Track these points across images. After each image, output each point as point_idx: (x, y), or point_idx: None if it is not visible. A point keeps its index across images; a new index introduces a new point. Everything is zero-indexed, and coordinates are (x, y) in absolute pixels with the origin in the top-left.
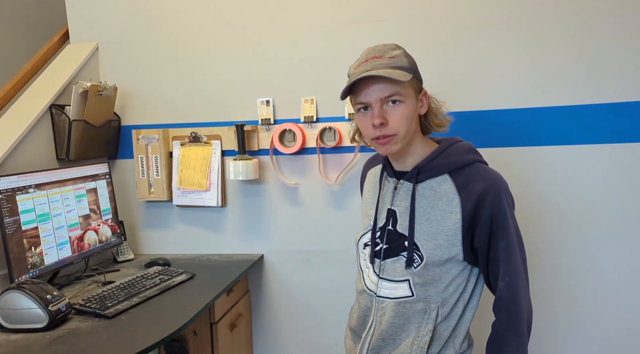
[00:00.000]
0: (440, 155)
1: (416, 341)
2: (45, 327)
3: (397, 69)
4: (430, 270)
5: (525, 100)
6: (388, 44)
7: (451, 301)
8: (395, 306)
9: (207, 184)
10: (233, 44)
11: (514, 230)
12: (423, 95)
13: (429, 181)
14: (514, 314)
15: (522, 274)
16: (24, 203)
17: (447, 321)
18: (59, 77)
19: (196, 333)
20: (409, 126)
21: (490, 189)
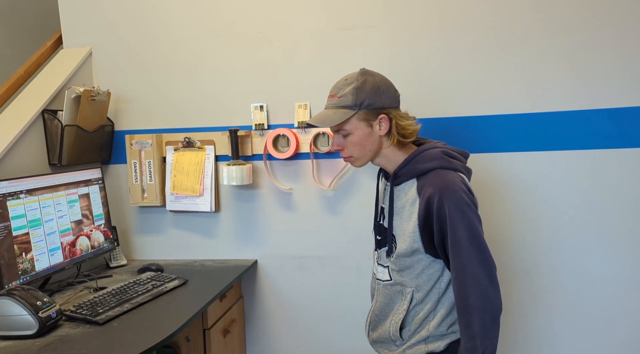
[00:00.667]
0: (408, 163)
1: (394, 318)
2: (35, 334)
3: (341, 108)
4: (401, 259)
5: (515, 106)
6: (349, 77)
7: (425, 288)
8: (383, 288)
9: (201, 189)
10: (227, 49)
11: (462, 229)
12: (380, 119)
13: (403, 184)
14: (462, 307)
15: (474, 271)
16: (15, 209)
17: (422, 305)
18: (52, 82)
19: (189, 339)
20: (361, 150)
21: (436, 193)
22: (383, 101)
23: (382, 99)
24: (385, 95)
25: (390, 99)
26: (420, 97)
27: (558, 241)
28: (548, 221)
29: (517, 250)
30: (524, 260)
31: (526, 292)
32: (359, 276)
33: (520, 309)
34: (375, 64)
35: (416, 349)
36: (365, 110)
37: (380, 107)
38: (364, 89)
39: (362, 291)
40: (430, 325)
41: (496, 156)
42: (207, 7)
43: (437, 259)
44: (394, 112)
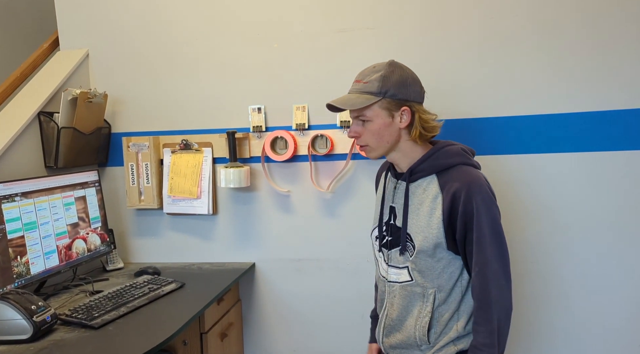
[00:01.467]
0: (429, 158)
1: (418, 321)
2: (29, 338)
3: (365, 93)
4: (422, 258)
5: (519, 108)
6: (378, 65)
7: (447, 287)
8: (401, 289)
9: (198, 191)
10: (224, 51)
11: (487, 224)
12: (403, 110)
13: (420, 181)
14: (483, 302)
15: (495, 266)
16: (10, 211)
17: (446, 305)
18: (48, 84)
19: (186, 343)
20: (378, 139)
21: (463, 188)
22: (408, 93)
23: (408, 91)
24: (411, 88)
25: (415, 93)
26: None
27: (562, 242)
28: (553, 222)
29: (522, 251)
30: (530, 262)
31: (529, 294)
32: (358, 278)
33: (524, 311)
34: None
35: (446, 351)
36: (389, 99)
37: (405, 98)
38: (390, 79)
39: (360, 293)
40: (459, 325)
41: (500, 158)
42: (205, 9)
43: (457, 257)
44: (417, 106)
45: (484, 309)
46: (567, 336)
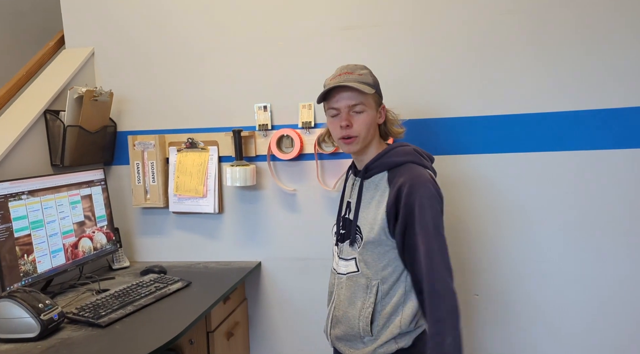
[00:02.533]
0: (383, 156)
1: (362, 312)
2: (36, 337)
3: (364, 83)
4: (368, 249)
5: (520, 107)
6: (358, 64)
7: (390, 281)
8: (347, 280)
9: (204, 190)
10: (230, 50)
11: (430, 219)
12: (382, 108)
13: (373, 177)
14: (429, 293)
15: (437, 258)
16: (17, 210)
17: (388, 298)
18: (54, 83)
19: (192, 342)
20: (368, 131)
21: (407, 182)
22: (381, 93)
23: (380, 91)
24: (380, 90)
25: (381, 95)
26: (422, 97)
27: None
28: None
29: (504, 251)
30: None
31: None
32: None
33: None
34: (380, 63)
35: (387, 348)
36: (377, 95)
37: (381, 97)
38: (374, 77)
39: None
40: (401, 322)
41: (484, 157)
42: (210, 8)
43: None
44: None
45: (429, 299)
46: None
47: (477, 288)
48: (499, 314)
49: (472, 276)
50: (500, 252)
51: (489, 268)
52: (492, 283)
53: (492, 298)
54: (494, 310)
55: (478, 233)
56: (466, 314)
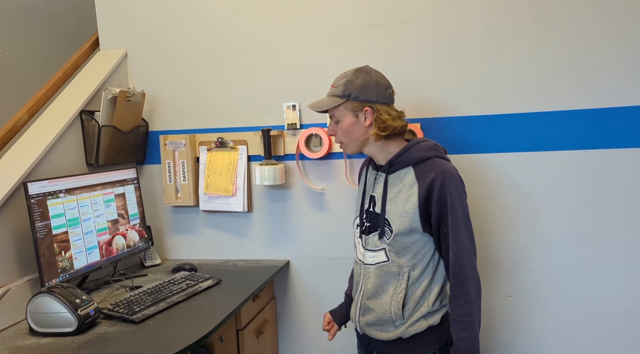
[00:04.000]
0: (406, 152)
1: (393, 298)
2: (74, 331)
3: (332, 96)
4: (398, 240)
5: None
6: (348, 71)
7: (420, 266)
8: (376, 270)
9: (234, 189)
10: (259, 49)
11: (460, 209)
12: (365, 111)
13: (397, 172)
14: (460, 277)
15: (467, 246)
16: (55, 208)
17: (418, 282)
18: (89, 84)
19: (222, 339)
20: (348, 137)
21: (438, 177)
22: (370, 95)
23: (369, 93)
24: (372, 90)
25: (378, 95)
26: (442, 95)
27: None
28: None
29: (512, 249)
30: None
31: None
32: None
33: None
34: (408, 61)
35: (418, 326)
36: (352, 101)
37: (366, 100)
38: (354, 83)
39: None
40: (429, 302)
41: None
42: (239, 8)
43: (430, 239)
44: (379, 106)
45: (460, 283)
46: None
47: (510, 289)
48: (531, 314)
49: (504, 277)
50: (530, 252)
51: (520, 268)
52: (525, 283)
53: (525, 298)
54: (527, 310)
55: (503, 232)
56: (499, 315)
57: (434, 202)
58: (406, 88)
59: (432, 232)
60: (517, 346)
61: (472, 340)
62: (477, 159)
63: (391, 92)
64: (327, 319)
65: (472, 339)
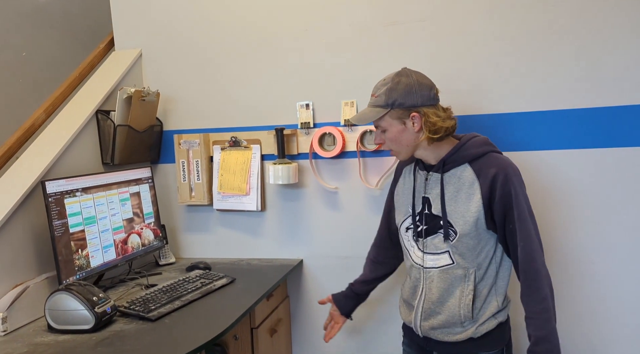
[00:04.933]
0: (460, 149)
1: (462, 300)
2: (91, 329)
3: (376, 107)
4: (463, 241)
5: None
6: (387, 78)
7: (484, 265)
8: (440, 274)
9: (247, 188)
10: (272, 49)
11: (524, 203)
12: (412, 117)
13: (453, 170)
14: (532, 271)
15: (535, 239)
16: (72, 206)
17: (484, 281)
18: (105, 84)
19: (237, 337)
20: (398, 144)
21: (500, 172)
22: (415, 100)
23: (414, 98)
24: (417, 94)
25: (423, 98)
26: (472, 92)
27: (612, 241)
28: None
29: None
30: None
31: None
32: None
33: None
34: (423, 59)
35: (488, 324)
36: (397, 109)
37: (412, 105)
38: (396, 90)
39: None
40: (498, 300)
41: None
42: (253, 7)
43: (493, 236)
44: (426, 109)
45: (532, 279)
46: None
47: None
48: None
49: None
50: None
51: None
52: (564, 281)
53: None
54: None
55: None
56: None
57: (497, 199)
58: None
59: (495, 229)
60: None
61: (550, 337)
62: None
63: (436, 92)
64: (332, 316)
65: (550, 337)
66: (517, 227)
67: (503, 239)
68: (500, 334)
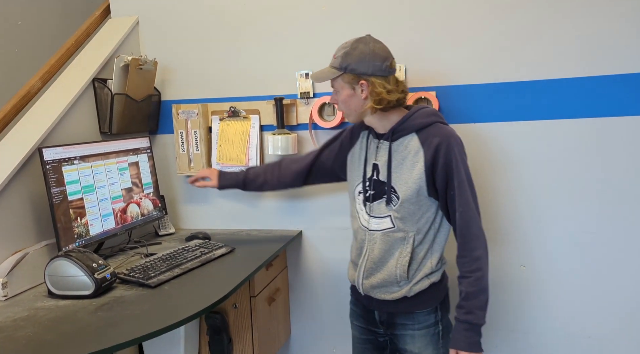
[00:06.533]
0: (408, 119)
1: (399, 261)
2: (91, 294)
3: (332, 68)
4: (405, 206)
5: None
6: (348, 42)
7: (424, 230)
8: (382, 236)
9: (246, 159)
10: (271, 17)
11: (464, 172)
12: (359, 84)
13: (401, 139)
14: (468, 235)
15: (473, 206)
16: (70, 174)
17: (421, 245)
18: (101, 51)
19: (236, 306)
20: (347, 107)
21: (443, 141)
22: (366, 68)
23: (365, 66)
24: (369, 63)
25: (374, 68)
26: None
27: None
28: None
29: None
30: None
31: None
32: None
33: None
34: (422, 27)
35: (421, 284)
36: (349, 73)
37: (363, 73)
38: (351, 55)
39: None
40: (432, 262)
41: None
42: None
43: (434, 203)
44: (374, 79)
45: (468, 241)
46: None
47: (524, 259)
48: (545, 287)
49: (518, 248)
50: (545, 222)
51: (535, 239)
52: (539, 254)
53: (538, 269)
54: (540, 283)
55: (519, 202)
56: (513, 285)
57: (439, 167)
58: (420, 55)
59: (437, 196)
60: (531, 316)
61: (479, 294)
62: (495, 127)
63: (389, 64)
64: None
65: (479, 294)
66: (457, 194)
67: (444, 205)
68: (434, 293)
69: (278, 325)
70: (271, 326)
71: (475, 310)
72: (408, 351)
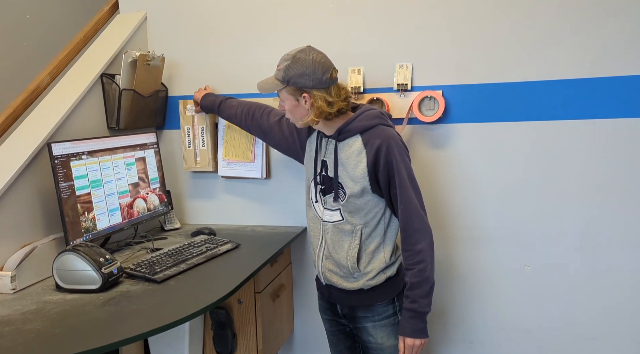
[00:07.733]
0: (354, 120)
1: (349, 253)
2: (98, 289)
3: (276, 80)
4: (351, 201)
5: None
6: (289, 54)
7: (372, 224)
8: (333, 228)
9: (252, 155)
10: (280, 14)
11: (405, 171)
12: (302, 97)
13: (347, 140)
14: (410, 230)
15: (415, 203)
16: (78, 169)
17: (371, 238)
18: (109, 47)
19: (240, 301)
20: (294, 116)
21: (384, 143)
22: (306, 82)
23: (306, 81)
24: (309, 77)
25: (315, 81)
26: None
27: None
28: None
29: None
30: None
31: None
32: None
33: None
34: (429, 26)
35: (378, 279)
36: (291, 86)
37: (304, 86)
38: (292, 69)
39: None
40: (385, 256)
41: None
42: None
43: (380, 199)
44: (316, 92)
45: (410, 236)
46: None
47: (527, 259)
48: (549, 287)
49: (522, 247)
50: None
51: (539, 239)
52: (542, 255)
53: (542, 269)
54: (544, 283)
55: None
56: (516, 285)
57: (381, 167)
58: (427, 54)
59: (381, 193)
60: (535, 316)
61: (423, 284)
62: (501, 127)
63: (329, 76)
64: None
65: (422, 283)
66: (399, 192)
67: (389, 202)
68: (391, 286)
69: (282, 321)
70: (275, 321)
71: (419, 299)
72: (372, 342)
